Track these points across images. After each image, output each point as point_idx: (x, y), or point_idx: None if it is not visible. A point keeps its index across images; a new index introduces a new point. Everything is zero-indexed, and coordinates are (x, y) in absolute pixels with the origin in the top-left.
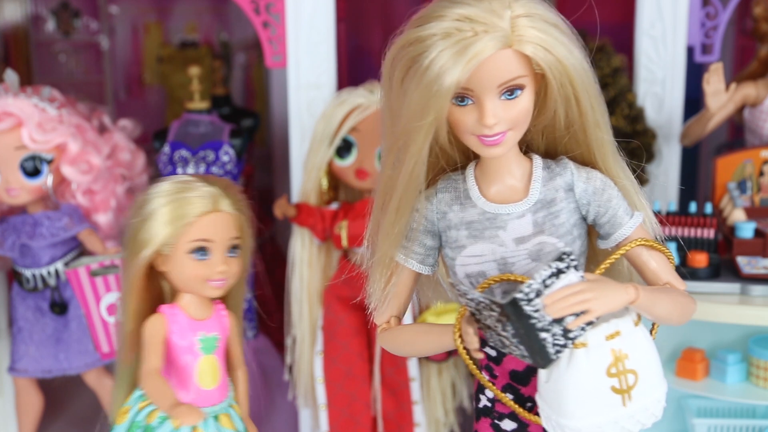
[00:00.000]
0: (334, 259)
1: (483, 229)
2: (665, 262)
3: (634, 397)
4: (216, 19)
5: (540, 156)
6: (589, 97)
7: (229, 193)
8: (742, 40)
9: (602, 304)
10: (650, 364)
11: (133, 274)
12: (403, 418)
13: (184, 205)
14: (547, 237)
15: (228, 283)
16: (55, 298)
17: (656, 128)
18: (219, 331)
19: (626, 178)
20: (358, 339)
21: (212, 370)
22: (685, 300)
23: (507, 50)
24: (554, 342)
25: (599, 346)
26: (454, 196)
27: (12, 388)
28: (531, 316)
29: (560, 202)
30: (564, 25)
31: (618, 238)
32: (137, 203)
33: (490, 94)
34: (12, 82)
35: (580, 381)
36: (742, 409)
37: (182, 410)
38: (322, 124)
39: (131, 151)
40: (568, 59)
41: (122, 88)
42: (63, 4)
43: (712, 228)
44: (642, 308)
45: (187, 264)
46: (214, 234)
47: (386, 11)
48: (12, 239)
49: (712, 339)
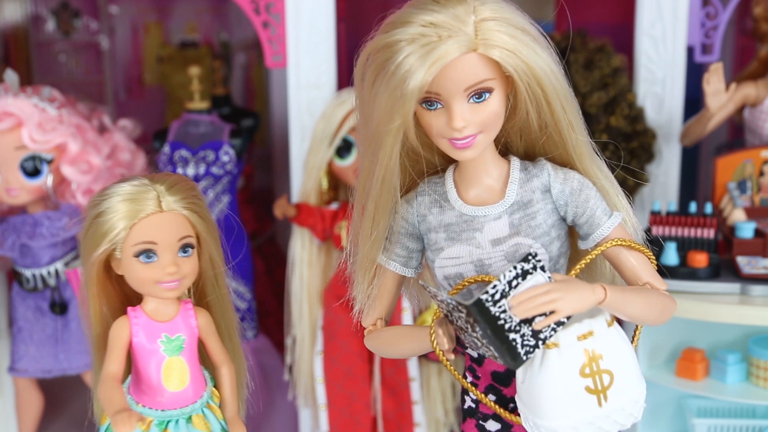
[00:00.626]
0: (334, 259)
1: (460, 232)
2: (645, 263)
3: (610, 397)
4: (216, 19)
5: (518, 157)
6: (559, 98)
7: (175, 191)
8: (742, 40)
9: (569, 304)
10: (626, 364)
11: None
12: (403, 418)
13: (131, 206)
14: (523, 238)
15: (183, 283)
16: (55, 298)
17: (656, 128)
18: (185, 331)
19: (605, 179)
20: (358, 339)
21: (178, 371)
22: (663, 300)
23: (471, 54)
24: (524, 343)
25: (571, 347)
26: (434, 199)
27: (12, 388)
28: (498, 317)
29: (537, 204)
30: (531, 28)
31: (596, 239)
32: (91, 203)
33: (457, 98)
34: (12, 82)
35: (554, 381)
36: (742, 409)
37: (117, 418)
38: (322, 124)
39: (131, 151)
40: (534, 62)
41: (122, 88)
42: (63, 4)
43: (712, 228)
44: (611, 308)
45: (135, 267)
46: (157, 236)
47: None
48: (12, 239)
49: (712, 339)
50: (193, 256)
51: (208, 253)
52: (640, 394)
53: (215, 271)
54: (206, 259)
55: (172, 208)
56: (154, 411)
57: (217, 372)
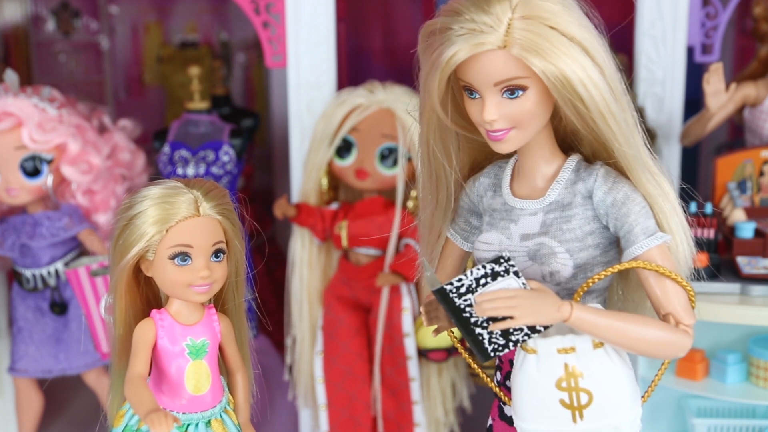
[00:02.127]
0: (334, 259)
1: (500, 219)
2: (674, 293)
3: (587, 417)
4: (216, 19)
5: (581, 157)
6: (598, 108)
7: (211, 197)
8: (742, 40)
9: (527, 314)
10: (612, 389)
11: (120, 277)
12: (403, 418)
13: (167, 209)
14: (549, 239)
15: (213, 288)
16: (55, 298)
17: (656, 128)
18: (208, 335)
19: (661, 197)
20: (358, 339)
21: (201, 375)
22: (667, 335)
23: (500, 51)
24: (491, 340)
25: (550, 357)
26: (493, 182)
27: (12, 388)
28: (463, 310)
29: (576, 208)
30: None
31: (629, 256)
32: (123, 206)
33: (489, 91)
34: (12, 82)
35: (529, 386)
36: (742, 409)
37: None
38: (322, 124)
39: (131, 151)
40: (566, 66)
41: (122, 88)
42: (63, 4)
43: (712, 228)
44: (579, 330)
45: (169, 270)
46: (193, 239)
47: (386, 11)
48: (12, 239)
49: (712, 339)
50: (223, 261)
51: (235, 260)
52: (624, 421)
53: (238, 278)
54: (233, 266)
55: (207, 213)
56: (175, 414)
57: (232, 378)
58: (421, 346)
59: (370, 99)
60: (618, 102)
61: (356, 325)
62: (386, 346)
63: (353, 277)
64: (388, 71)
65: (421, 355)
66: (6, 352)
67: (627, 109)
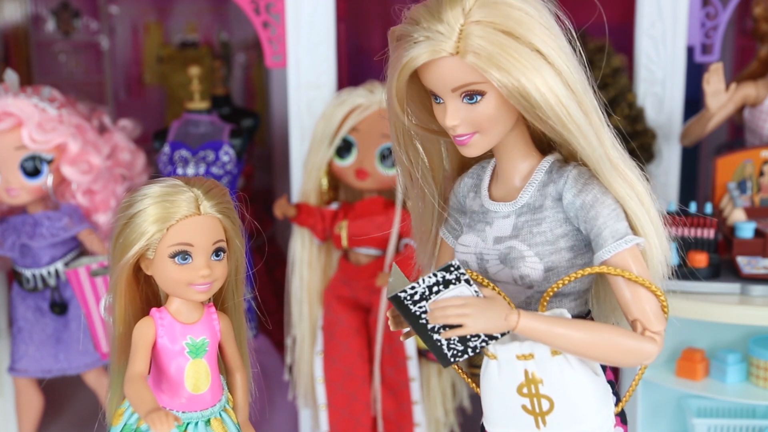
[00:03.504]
0: (334, 259)
1: (477, 222)
2: (643, 298)
3: (549, 423)
4: (216, 19)
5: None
6: (555, 112)
7: (211, 195)
8: (742, 40)
9: (476, 322)
10: (572, 396)
11: (120, 276)
12: (403, 418)
13: (168, 207)
14: (518, 243)
15: (213, 286)
16: (55, 298)
17: (656, 128)
18: (208, 334)
19: (630, 198)
20: (358, 339)
21: (201, 374)
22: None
23: (451, 58)
24: (450, 346)
25: (510, 363)
26: (474, 183)
27: (12, 388)
28: (419, 316)
29: (547, 210)
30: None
31: (598, 260)
32: (123, 204)
33: (449, 97)
34: (12, 82)
35: (492, 390)
36: (742, 409)
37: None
38: (322, 124)
39: (131, 151)
40: (520, 74)
41: (122, 88)
42: (63, 4)
43: (712, 228)
44: (527, 337)
45: (169, 268)
46: (194, 238)
47: (386, 11)
48: (12, 239)
49: (712, 339)
50: (224, 260)
51: (235, 259)
52: (590, 428)
53: (237, 277)
54: (233, 265)
55: (208, 211)
56: (173, 412)
57: (231, 377)
58: (421, 346)
59: (370, 99)
60: (580, 105)
61: (356, 325)
62: (386, 346)
63: (353, 277)
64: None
65: (421, 355)
66: (6, 352)
67: (591, 111)
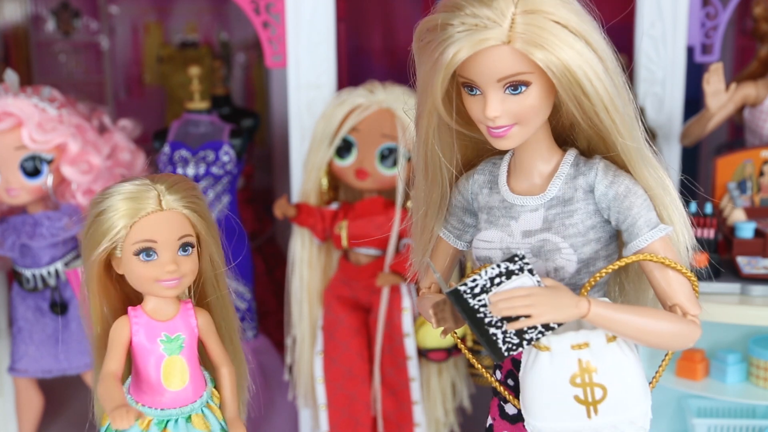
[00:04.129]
0: (334, 259)
1: (499, 217)
2: (680, 283)
3: (601, 411)
4: (216, 19)
5: (581, 150)
6: (602, 101)
7: (175, 190)
8: (742, 40)
9: (546, 312)
10: (625, 383)
11: (90, 274)
12: (403, 418)
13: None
14: (552, 235)
15: (183, 282)
16: (55, 298)
17: (656, 128)
18: (184, 330)
19: (660, 188)
20: (358, 339)
21: (178, 370)
22: (674, 328)
23: (504, 47)
24: (505, 339)
25: (563, 354)
26: (488, 179)
27: (12, 388)
28: (477, 310)
29: (577, 202)
30: (580, 26)
31: (632, 249)
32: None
33: (491, 88)
34: (12, 82)
35: (542, 383)
36: (742, 409)
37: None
38: (322, 124)
39: (131, 151)
40: (572, 60)
41: (122, 88)
42: (63, 4)
43: (712, 228)
44: (596, 325)
45: (135, 266)
46: (157, 234)
47: (386, 11)
48: (12, 239)
49: (712, 339)
50: (192, 255)
51: (208, 252)
52: (638, 415)
53: (215, 271)
54: (206, 259)
55: (172, 207)
56: (153, 410)
57: (217, 372)
58: (421, 346)
59: (370, 99)
60: (620, 95)
61: (356, 325)
62: (386, 346)
63: (353, 277)
64: (388, 71)
65: (421, 355)
66: (6, 352)
67: (628, 103)
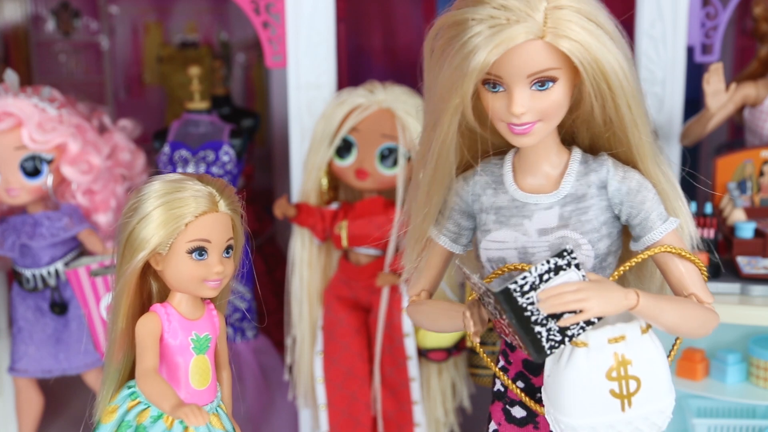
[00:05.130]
0: (334, 259)
1: (510, 216)
2: (693, 273)
3: (635, 404)
4: (216, 19)
5: (582, 149)
6: (626, 97)
7: (225, 194)
8: (742, 40)
9: (598, 306)
10: (656, 373)
11: (128, 276)
12: (403, 418)
13: (181, 205)
14: (570, 232)
15: (223, 283)
16: (55, 298)
17: (656, 128)
18: (211, 330)
19: (667, 183)
20: (358, 339)
21: (204, 370)
22: (703, 313)
23: (538, 41)
24: (549, 337)
25: (601, 348)
26: (490, 180)
27: (12, 388)
28: (525, 308)
29: (591, 199)
30: (607, 22)
31: (647, 242)
32: (131, 204)
33: (519, 83)
34: (12, 82)
35: (578, 380)
36: (742, 409)
37: (187, 410)
38: (322, 124)
39: (131, 151)
40: (603, 56)
41: (122, 88)
42: (63, 4)
43: (712, 228)
44: (643, 315)
45: (185, 264)
46: (212, 234)
47: (386, 11)
48: (12, 239)
49: (712, 339)
50: (232, 258)
51: (237, 257)
52: (667, 405)
53: (233, 275)
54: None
55: (224, 209)
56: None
57: (219, 374)
58: (421, 346)
59: (370, 99)
60: (640, 91)
61: (356, 325)
62: (386, 346)
63: (353, 277)
64: (388, 71)
65: (421, 355)
66: (6, 352)
67: (644, 100)
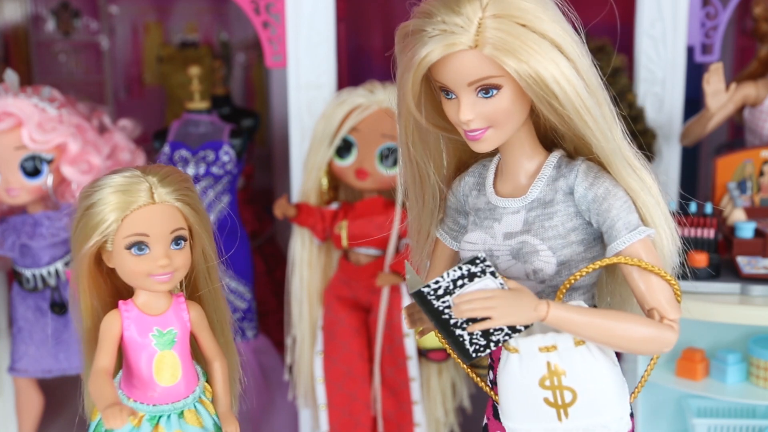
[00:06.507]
0: (334, 259)
1: (484, 219)
2: (658, 287)
3: (572, 415)
4: (216, 19)
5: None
6: (573, 105)
7: (167, 182)
8: (742, 40)
9: (503, 315)
10: (595, 387)
11: (80, 268)
12: (403, 418)
13: (123, 198)
14: (531, 237)
15: (175, 276)
16: (55, 298)
17: (656, 128)
18: (176, 325)
19: (643, 191)
20: (358, 339)
21: (171, 365)
22: (646, 332)
23: (472, 51)
24: (472, 341)
25: (532, 356)
26: (477, 181)
27: (12, 388)
28: (442, 312)
29: (558, 204)
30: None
31: (612, 251)
32: (82, 194)
33: (463, 91)
34: (12, 82)
35: (513, 385)
36: (742, 409)
37: (108, 412)
38: (322, 124)
39: (131, 151)
40: (539, 64)
41: (122, 88)
42: (63, 4)
43: (712, 228)
44: (558, 328)
45: (127, 260)
46: (150, 227)
47: (386, 11)
48: (12, 239)
49: (712, 339)
50: (185, 248)
51: (200, 246)
52: (611, 420)
53: (208, 264)
54: (198, 253)
55: (164, 199)
56: (145, 406)
57: (209, 367)
58: (421, 346)
59: (370, 99)
60: (593, 97)
61: (356, 325)
62: (386, 346)
63: (353, 277)
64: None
65: (421, 355)
66: (6, 352)
67: (604, 104)
